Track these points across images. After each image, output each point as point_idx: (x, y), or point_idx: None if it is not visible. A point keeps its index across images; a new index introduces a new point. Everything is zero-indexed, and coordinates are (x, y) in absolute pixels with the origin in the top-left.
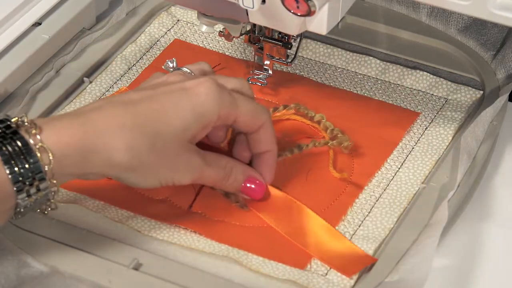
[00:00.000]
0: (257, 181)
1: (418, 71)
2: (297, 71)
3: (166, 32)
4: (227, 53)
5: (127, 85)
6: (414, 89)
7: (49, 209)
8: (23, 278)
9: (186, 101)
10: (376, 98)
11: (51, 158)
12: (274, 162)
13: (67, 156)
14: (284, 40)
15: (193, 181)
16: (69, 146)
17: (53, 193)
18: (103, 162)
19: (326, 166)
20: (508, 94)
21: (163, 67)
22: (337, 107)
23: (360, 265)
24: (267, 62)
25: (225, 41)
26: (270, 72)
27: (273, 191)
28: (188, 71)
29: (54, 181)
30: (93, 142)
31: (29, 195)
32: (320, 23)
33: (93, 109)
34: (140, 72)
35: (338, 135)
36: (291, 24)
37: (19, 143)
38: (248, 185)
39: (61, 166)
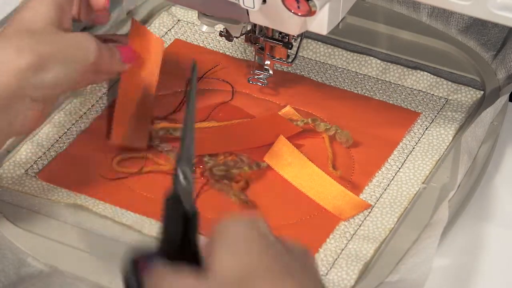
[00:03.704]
0: (125, 48)
1: (418, 71)
2: (298, 71)
3: (166, 32)
4: (227, 53)
5: None
6: (415, 89)
7: None
8: (23, 277)
9: (36, 1)
10: (377, 98)
11: None
12: None
13: None
14: (284, 40)
15: (98, 55)
16: None
17: None
18: (10, 75)
19: (326, 165)
20: (508, 94)
21: None
22: (338, 107)
23: (355, 210)
24: (267, 62)
25: (226, 41)
26: (271, 72)
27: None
28: None
29: None
30: None
31: None
32: (320, 23)
33: None
34: None
35: (338, 131)
36: (291, 24)
37: None
38: (124, 54)
39: None
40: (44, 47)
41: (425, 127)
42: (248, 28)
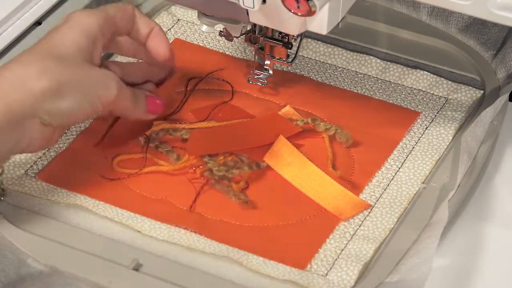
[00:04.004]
0: (155, 99)
1: (418, 70)
2: (298, 71)
3: (166, 32)
4: (227, 53)
5: None
6: (415, 89)
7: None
8: (23, 277)
9: (69, 27)
10: (377, 97)
11: None
12: (163, 34)
13: None
14: (284, 40)
15: (116, 96)
16: None
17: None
18: (26, 95)
19: (326, 165)
20: (508, 94)
21: None
22: (338, 106)
23: (355, 210)
24: (267, 62)
25: (226, 41)
26: (271, 72)
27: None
28: None
29: None
30: (8, 82)
31: None
32: (320, 23)
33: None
34: None
35: (337, 131)
36: (291, 24)
37: None
38: (150, 105)
39: None
40: (65, 75)
41: (425, 127)
42: (248, 28)
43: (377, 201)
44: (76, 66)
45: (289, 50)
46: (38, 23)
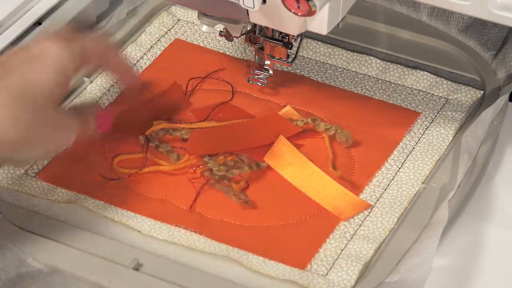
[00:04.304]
0: (106, 115)
1: (418, 71)
2: (298, 71)
3: (166, 32)
4: (227, 53)
5: None
6: (415, 89)
7: None
8: (23, 277)
9: (43, 65)
10: (377, 97)
11: None
12: (125, 63)
13: None
14: (284, 40)
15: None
16: None
17: None
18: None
19: (326, 165)
20: (508, 94)
21: None
22: (338, 106)
23: (355, 210)
24: (267, 62)
25: (226, 41)
26: (271, 72)
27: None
28: None
29: None
30: None
31: None
32: (320, 23)
33: None
34: (140, 72)
35: (338, 131)
36: (291, 24)
37: None
38: (99, 122)
39: None
40: (35, 126)
41: (425, 127)
42: (248, 28)
43: (377, 201)
44: (48, 115)
45: (289, 50)
46: (38, 23)
